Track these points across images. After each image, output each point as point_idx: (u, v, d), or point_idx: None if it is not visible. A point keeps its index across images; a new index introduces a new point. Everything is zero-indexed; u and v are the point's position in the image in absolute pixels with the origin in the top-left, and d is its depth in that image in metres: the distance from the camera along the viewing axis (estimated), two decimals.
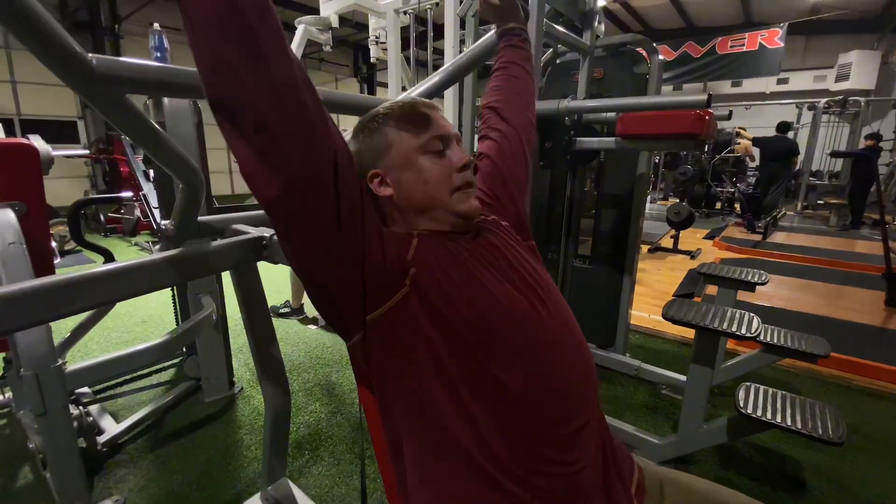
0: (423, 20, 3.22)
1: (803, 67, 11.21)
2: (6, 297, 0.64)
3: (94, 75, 0.63)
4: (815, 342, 1.74)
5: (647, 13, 10.94)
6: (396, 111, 0.73)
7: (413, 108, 0.73)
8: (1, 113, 7.78)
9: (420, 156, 0.70)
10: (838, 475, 1.68)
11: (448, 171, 0.70)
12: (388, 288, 0.61)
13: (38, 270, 1.24)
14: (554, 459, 0.61)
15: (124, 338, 2.83)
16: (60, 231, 4.72)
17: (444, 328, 0.60)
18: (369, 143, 0.72)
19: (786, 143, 6.82)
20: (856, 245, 5.67)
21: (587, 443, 0.65)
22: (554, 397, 0.63)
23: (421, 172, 0.69)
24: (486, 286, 0.65)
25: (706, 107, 1.49)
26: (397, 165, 0.70)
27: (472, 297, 0.63)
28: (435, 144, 0.71)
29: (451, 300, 0.62)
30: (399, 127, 0.71)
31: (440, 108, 0.76)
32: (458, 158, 0.72)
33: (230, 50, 0.49)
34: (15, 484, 1.60)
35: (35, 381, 1.11)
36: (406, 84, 3.33)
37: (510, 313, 0.64)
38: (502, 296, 0.65)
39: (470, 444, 0.59)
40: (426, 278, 0.62)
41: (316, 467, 1.69)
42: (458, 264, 0.66)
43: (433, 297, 0.61)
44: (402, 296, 0.61)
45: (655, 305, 3.26)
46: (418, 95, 1.19)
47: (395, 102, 0.75)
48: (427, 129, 0.71)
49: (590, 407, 0.67)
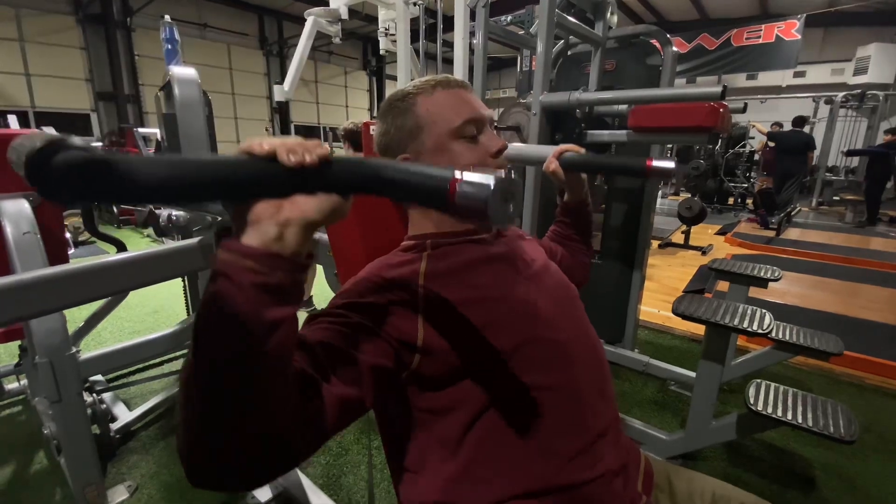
0: (432, 12, 3.19)
1: (820, 60, 10.97)
2: (21, 284, 0.65)
3: None
4: (828, 340, 1.71)
5: (661, 4, 10.76)
6: (428, 90, 0.67)
7: (447, 86, 0.68)
8: (16, 105, 7.89)
9: (453, 141, 0.66)
10: (850, 474, 1.66)
11: (483, 158, 0.67)
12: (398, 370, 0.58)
13: (52, 260, 1.26)
14: (580, 465, 0.60)
15: (136, 327, 2.87)
16: (74, 222, 4.79)
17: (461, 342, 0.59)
18: (399, 125, 0.67)
19: (801, 137, 6.70)
20: (871, 242, 5.56)
21: (609, 444, 0.65)
22: (579, 402, 0.63)
23: (456, 159, 0.65)
24: (506, 293, 0.64)
25: (720, 99, 1.46)
26: (429, 150, 0.66)
27: (489, 305, 0.62)
28: (469, 129, 0.66)
29: (466, 312, 0.61)
30: (431, 108, 0.66)
31: (472, 88, 0.71)
32: (493, 143, 0.68)
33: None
34: (31, 469, 1.63)
35: (50, 369, 1.13)
36: (415, 77, 3.32)
37: (530, 320, 0.64)
38: (521, 302, 0.64)
39: (486, 452, 0.59)
40: (437, 301, 0.61)
41: (324, 457, 1.70)
42: (475, 271, 0.65)
43: (445, 316, 0.60)
44: (416, 366, 0.58)
45: (665, 301, 3.23)
46: None
47: (426, 80, 0.69)
48: (461, 111, 0.66)
49: (610, 408, 0.67)
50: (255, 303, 0.38)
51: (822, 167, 8.17)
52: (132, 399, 2.05)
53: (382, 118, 0.70)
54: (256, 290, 0.38)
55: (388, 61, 11.83)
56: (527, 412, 0.60)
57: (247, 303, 0.37)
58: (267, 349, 0.39)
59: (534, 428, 0.60)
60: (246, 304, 0.37)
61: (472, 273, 0.65)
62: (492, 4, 1.96)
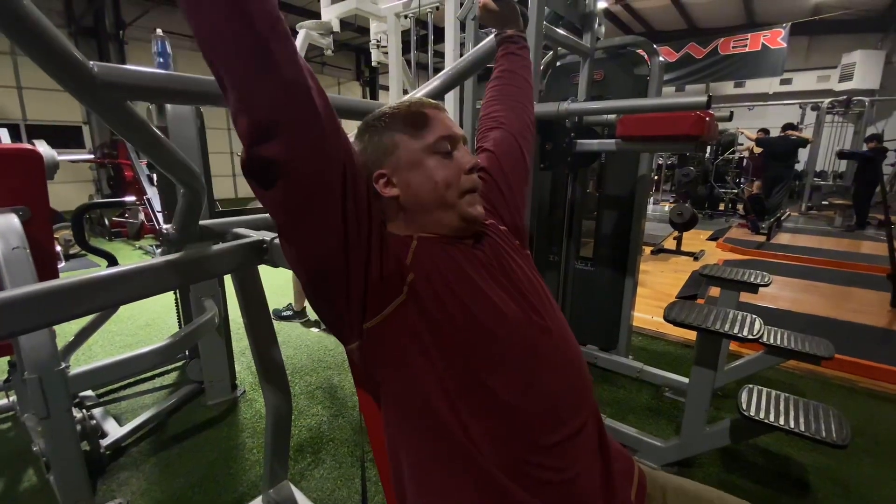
0: (423, 24, 3.23)
1: (806, 68, 11.19)
2: (10, 301, 0.65)
3: (95, 82, 0.64)
4: (818, 344, 1.73)
5: (649, 14, 10.94)
6: (403, 111, 0.71)
7: (420, 107, 0.72)
8: (7, 118, 7.85)
9: (428, 156, 0.69)
10: (843, 478, 1.66)
11: (457, 172, 0.70)
12: (387, 294, 0.61)
13: (41, 275, 1.25)
14: (547, 466, 0.60)
15: (127, 341, 2.84)
16: (65, 235, 4.75)
17: (438, 334, 0.60)
18: (375, 143, 0.71)
19: (790, 142, 6.80)
20: (861, 246, 5.63)
21: (582, 449, 0.64)
22: (545, 404, 0.63)
23: (430, 173, 0.68)
24: (483, 292, 0.65)
25: (706, 108, 1.49)
26: (405, 166, 0.69)
27: (468, 302, 0.63)
28: (443, 145, 0.70)
29: (447, 306, 0.62)
30: (406, 127, 0.70)
31: (446, 109, 0.75)
32: (466, 160, 0.71)
33: (243, 63, 0.50)
34: (19, 486, 1.60)
35: (38, 385, 1.12)
36: (407, 87, 3.34)
37: (504, 320, 0.64)
38: (497, 302, 0.65)
39: (464, 452, 0.59)
40: (423, 284, 0.62)
41: (317, 470, 1.69)
42: (456, 269, 0.66)
43: (429, 303, 0.61)
44: (400, 303, 0.61)
45: (658, 307, 3.24)
46: None
47: (401, 102, 0.74)
48: (434, 130, 0.70)
49: (583, 413, 0.67)
50: None
51: (811, 172, 8.29)
52: (123, 414, 2.03)
53: (360, 137, 0.74)
54: None
55: (380, 72, 11.91)
56: (491, 412, 0.60)
57: None
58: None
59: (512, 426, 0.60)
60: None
61: (455, 257, 0.67)
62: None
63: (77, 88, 0.64)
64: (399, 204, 0.70)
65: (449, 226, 0.70)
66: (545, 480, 0.60)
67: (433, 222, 0.70)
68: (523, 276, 0.73)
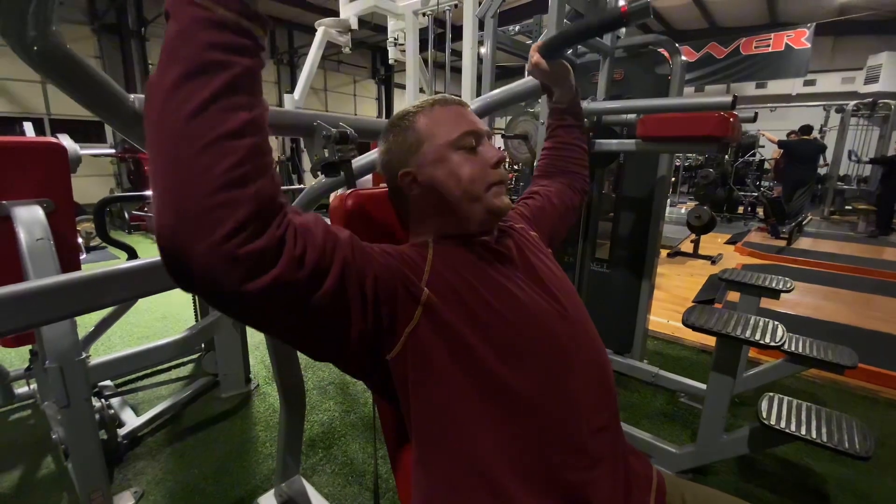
0: (441, 22, 3.22)
1: (831, 69, 10.90)
2: (34, 291, 0.66)
3: (137, 116, 0.65)
4: (841, 352, 1.68)
5: (670, 13, 10.77)
6: (427, 108, 0.72)
7: (445, 104, 0.73)
8: (31, 112, 8.04)
9: (453, 152, 0.69)
10: (865, 490, 1.62)
11: (483, 166, 0.69)
12: (399, 322, 0.58)
13: (64, 266, 1.27)
14: (569, 465, 0.60)
15: (145, 333, 2.89)
16: (86, 228, 4.86)
17: (458, 339, 0.59)
18: (400, 142, 0.71)
19: (813, 145, 6.64)
20: (884, 252, 5.48)
21: (603, 449, 0.64)
22: (568, 403, 0.62)
23: (456, 168, 0.68)
24: (506, 289, 0.65)
25: (731, 109, 1.45)
26: (430, 162, 0.69)
27: (490, 301, 0.62)
28: (468, 140, 0.69)
29: (468, 307, 0.61)
30: (430, 124, 0.70)
31: (469, 106, 0.75)
32: (492, 155, 0.71)
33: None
34: (38, 473, 1.64)
35: (60, 374, 1.14)
36: (423, 86, 3.34)
37: (528, 317, 0.64)
38: (522, 299, 0.65)
39: (481, 452, 0.58)
40: (441, 292, 0.61)
41: (329, 465, 1.70)
42: (476, 268, 0.65)
43: (447, 311, 0.60)
44: (415, 325, 0.59)
45: (675, 311, 3.19)
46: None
47: (425, 100, 0.74)
48: (459, 124, 0.70)
49: (606, 413, 0.66)
50: (200, 40, 0.41)
51: (834, 176, 8.09)
52: (140, 404, 2.06)
53: (384, 138, 0.74)
54: (198, 24, 0.41)
55: (396, 70, 11.94)
56: (517, 411, 0.59)
57: (191, 37, 0.41)
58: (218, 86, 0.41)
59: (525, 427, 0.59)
60: (190, 38, 0.41)
61: (475, 256, 0.67)
62: (500, 14, 1.97)
63: (122, 125, 0.64)
64: (426, 201, 0.70)
65: (475, 219, 0.70)
66: (567, 481, 0.59)
67: (458, 219, 0.70)
68: (548, 272, 0.73)
